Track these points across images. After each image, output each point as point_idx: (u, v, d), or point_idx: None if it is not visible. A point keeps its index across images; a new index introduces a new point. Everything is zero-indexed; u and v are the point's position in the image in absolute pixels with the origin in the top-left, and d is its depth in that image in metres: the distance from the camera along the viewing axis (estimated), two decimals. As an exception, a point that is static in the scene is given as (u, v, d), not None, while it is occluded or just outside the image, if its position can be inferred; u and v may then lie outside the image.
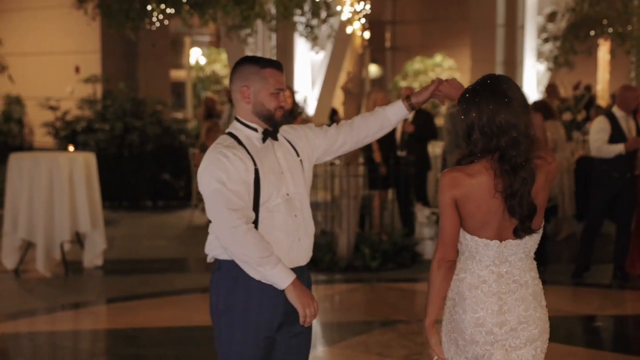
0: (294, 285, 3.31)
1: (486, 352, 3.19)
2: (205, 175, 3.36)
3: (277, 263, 3.28)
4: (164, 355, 6.15)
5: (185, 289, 8.22)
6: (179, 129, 13.70)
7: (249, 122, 3.46)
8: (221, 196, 3.29)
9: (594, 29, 15.84)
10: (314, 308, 3.34)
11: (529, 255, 3.23)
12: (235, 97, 3.49)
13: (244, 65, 3.48)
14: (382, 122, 3.69)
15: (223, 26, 10.11)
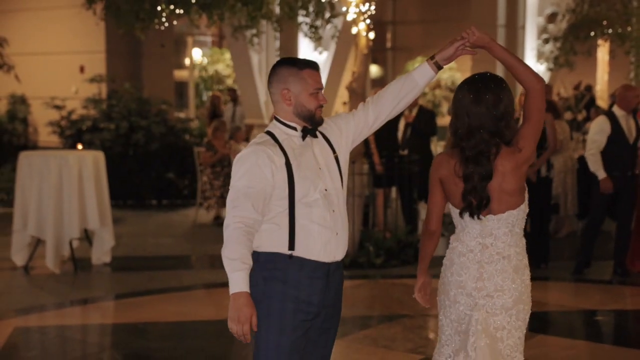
0: (237, 297, 3.32)
1: (466, 315, 3.66)
2: (234, 170, 3.46)
3: (238, 270, 3.32)
4: (173, 348, 6.25)
5: (192, 285, 8.34)
6: (183, 129, 13.82)
7: (289, 121, 3.53)
8: (235, 193, 3.40)
9: (594, 29, 15.94)
10: (242, 330, 3.35)
11: (513, 231, 3.64)
12: (275, 99, 3.55)
13: (281, 67, 3.54)
14: (410, 85, 3.67)
15: (229, 26, 10.21)
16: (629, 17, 15.65)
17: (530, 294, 3.69)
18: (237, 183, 3.41)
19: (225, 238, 3.38)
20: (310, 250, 3.46)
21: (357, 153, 8.97)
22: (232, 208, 3.40)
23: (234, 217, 3.37)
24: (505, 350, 3.64)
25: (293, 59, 3.63)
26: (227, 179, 11.58)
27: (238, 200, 3.39)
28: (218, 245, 10.35)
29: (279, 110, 3.55)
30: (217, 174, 11.62)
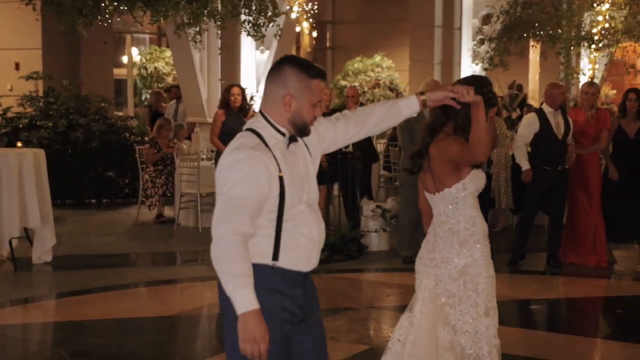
0: (248, 316, 3.09)
1: (420, 282, 4.14)
2: (223, 175, 3.20)
3: (241, 287, 3.09)
4: (120, 345, 6.28)
5: (136, 282, 8.38)
6: (123, 127, 13.76)
7: (280, 126, 3.31)
8: (228, 203, 3.15)
9: (527, 31, 16.31)
10: (259, 349, 3.11)
11: (460, 208, 4.07)
12: (272, 99, 3.31)
13: (292, 69, 3.29)
14: (395, 113, 3.65)
15: (171, 24, 10.22)
16: (559, 19, 16.06)
17: (483, 267, 4.07)
18: (231, 192, 3.16)
19: (221, 253, 3.12)
20: (294, 261, 3.30)
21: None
22: (225, 220, 3.14)
23: (230, 229, 3.12)
24: (457, 315, 4.04)
25: (304, 62, 3.38)
26: (170, 177, 11.61)
27: (233, 211, 3.14)
28: (160, 243, 10.40)
29: (273, 111, 3.31)
30: (160, 172, 11.63)
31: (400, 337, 4.13)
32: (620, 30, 15.85)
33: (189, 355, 6.10)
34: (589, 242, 8.86)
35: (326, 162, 9.71)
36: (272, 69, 3.36)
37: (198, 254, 9.71)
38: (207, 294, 8.07)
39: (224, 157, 3.24)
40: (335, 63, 24.26)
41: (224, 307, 3.25)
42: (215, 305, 7.60)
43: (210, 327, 7.10)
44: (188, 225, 11.40)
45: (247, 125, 3.40)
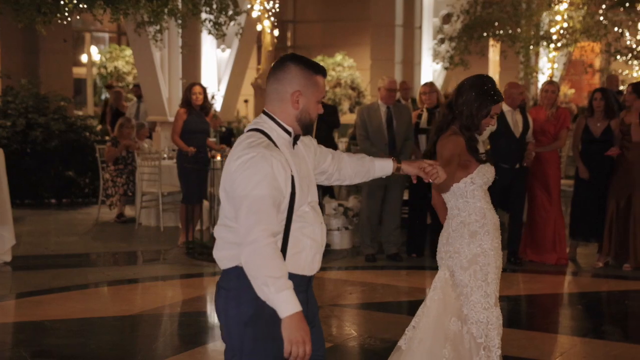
0: (295, 318, 3.05)
1: (440, 272, 4.38)
2: (245, 177, 3.11)
3: (284, 289, 3.03)
4: (82, 344, 6.23)
5: (97, 282, 8.33)
6: (83, 126, 13.65)
7: (287, 125, 3.27)
8: (256, 203, 3.08)
9: (487, 30, 16.48)
10: (304, 350, 3.08)
11: (468, 201, 4.36)
12: (280, 97, 3.27)
13: (296, 67, 3.27)
14: (369, 169, 3.74)
15: (131, 22, 10.17)
16: (519, 19, 16.25)
17: (492, 258, 4.33)
18: (254, 192, 3.08)
19: (258, 256, 3.05)
20: (299, 265, 3.24)
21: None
22: (255, 222, 3.06)
23: (263, 230, 3.06)
24: (469, 305, 4.28)
25: (305, 59, 3.35)
26: (131, 176, 11.55)
27: (261, 212, 3.07)
28: (121, 242, 10.35)
29: (280, 110, 3.27)
30: (120, 172, 11.56)
31: (414, 324, 4.39)
32: (578, 30, 16.07)
33: (150, 354, 6.08)
34: (549, 239, 8.96)
35: None
36: (275, 68, 3.33)
37: (159, 254, 9.67)
38: (168, 294, 8.05)
39: (237, 157, 3.15)
40: (297, 62, 24.27)
41: (233, 311, 3.20)
42: (177, 304, 7.62)
43: (172, 326, 7.08)
44: (149, 224, 11.35)
45: (251, 125, 3.32)
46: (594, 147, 8.82)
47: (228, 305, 3.23)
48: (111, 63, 19.86)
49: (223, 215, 3.28)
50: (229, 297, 3.22)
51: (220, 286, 3.28)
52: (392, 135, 8.95)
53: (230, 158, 3.21)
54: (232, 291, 3.22)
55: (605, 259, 8.85)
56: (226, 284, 3.25)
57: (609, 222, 8.72)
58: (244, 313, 3.18)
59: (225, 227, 3.25)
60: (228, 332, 3.27)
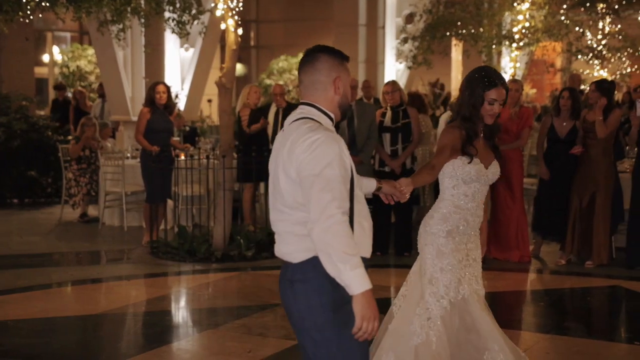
0: (367, 295, 3.09)
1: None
2: (314, 156, 3.14)
3: (358, 266, 3.06)
4: (45, 344, 6.20)
5: (61, 282, 8.27)
6: (45, 125, 13.53)
7: (330, 112, 3.36)
8: (330, 182, 3.10)
9: (449, 30, 16.58)
10: (373, 326, 3.13)
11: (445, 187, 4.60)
12: (321, 87, 3.35)
13: (330, 55, 3.37)
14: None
15: (94, 21, 10.10)
16: (481, 18, 16.36)
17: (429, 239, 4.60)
18: (326, 171, 3.11)
19: (334, 233, 3.06)
20: (363, 247, 3.27)
21: (228, 147, 9.09)
22: (330, 199, 3.07)
23: (337, 207, 3.08)
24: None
25: (332, 48, 3.46)
26: (94, 176, 11.47)
27: (335, 190, 3.09)
28: (85, 242, 10.28)
29: (323, 99, 3.35)
30: (84, 171, 11.48)
31: (403, 293, 4.65)
32: (540, 30, 16.23)
33: (114, 353, 6.06)
34: (512, 237, 9.04)
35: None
36: (308, 61, 3.39)
37: (123, 253, 9.62)
38: (133, 293, 8.01)
39: (302, 140, 3.17)
40: (260, 62, 24.30)
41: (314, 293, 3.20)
42: (141, 303, 7.59)
43: (136, 325, 7.06)
44: (113, 224, 11.28)
45: (297, 116, 3.36)
46: (559, 147, 8.91)
47: (309, 296, 3.21)
48: (73, 62, 19.68)
49: (283, 206, 3.28)
50: (308, 288, 3.21)
51: (295, 280, 3.24)
52: (352, 133, 9.00)
53: (291, 143, 3.21)
54: (310, 282, 3.21)
55: (568, 257, 8.95)
56: (302, 276, 3.22)
57: (572, 220, 8.82)
58: (328, 301, 3.19)
59: (290, 220, 3.25)
60: (313, 324, 3.24)
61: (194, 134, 13.71)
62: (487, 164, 4.51)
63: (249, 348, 6.01)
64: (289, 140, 3.23)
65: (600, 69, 17.99)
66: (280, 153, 3.27)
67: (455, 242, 4.52)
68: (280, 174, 3.26)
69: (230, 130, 9.24)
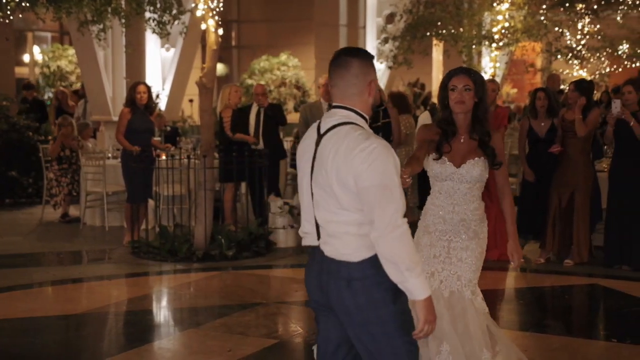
0: (430, 300, 3.28)
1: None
2: (375, 166, 3.22)
3: (421, 273, 3.24)
4: (28, 344, 6.19)
5: (42, 282, 8.26)
6: (26, 125, 13.48)
7: (366, 114, 3.43)
8: (391, 191, 3.21)
9: (429, 30, 16.66)
10: (432, 328, 3.33)
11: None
12: (356, 90, 3.41)
13: (364, 59, 3.43)
14: None
15: (74, 21, 10.09)
16: (461, 18, 16.46)
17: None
18: (387, 181, 3.22)
19: (403, 241, 3.21)
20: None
21: (209, 147, 9.11)
22: (395, 209, 3.20)
23: (402, 217, 3.22)
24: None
25: (364, 51, 3.51)
26: (75, 176, 11.46)
27: (397, 199, 3.21)
28: (66, 242, 10.25)
29: (359, 101, 3.42)
30: (65, 171, 11.46)
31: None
32: (519, 30, 16.33)
33: (96, 352, 6.07)
34: (490, 236, 9.05)
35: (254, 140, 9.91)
36: (342, 65, 3.43)
37: (105, 253, 9.62)
38: (114, 293, 8.02)
39: (359, 150, 3.24)
40: (241, 62, 24.29)
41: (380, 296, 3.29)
42: (123, 303, 7.60)
43: (118, 324, 7.06)
44: (94, 224, 11.27)
45: (339, 119, 3.40)
46: (540, 146, 8.99)
47: (371, 291, 3.30)
48: (54, 62, 19.62)
49: (338, 208, 3.33)
50: (367, 284, 3.30)
51: (353, 278, 3.30)
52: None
53: (346, 152, 3.26)
54: (369, 279, 3.30)
55: (547, 255, 9.03)
56: (361, 274, 3.30)
57: (551, 219, 8.89)
58: (388, 294, 3.29)
59: (346, 222, 3.31)
60: (376, 317, 3.32)
61: (175, 134, 13.71)
62: (459, 163, 4.49)
63: (230, 347, 6.03)
64: (343, 148, 3.28)
65: (579, 68, 18.14)
66: (331, 159, 3.31)
67: (431, 237, 4.56)
68: (333, 179, 3.31)
69: (211, 130, 9.26)
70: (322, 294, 3.40)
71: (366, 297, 3.30)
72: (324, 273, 3.38)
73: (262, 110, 10.44)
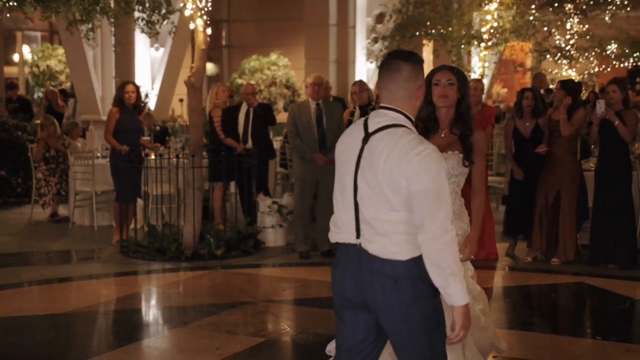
0: (467, 307, 3.37)
1: None
2: (428, 171, 3.30)
3: (462, 280, 3.31)
4: (16, 343, 6.21)
5: (31, 281, 8.28)
6: (15, 125, 13.48)
7: (412, 116, 3.51)
8: (442, 196, 3.30)
9: (419, 30, 16.70)
10: (465, 334, 3.43)
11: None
12: (411, 93, 3.49)
13: (415, 64, 3.51)
14: None
15: (63, 21, 10.10)
16: (450, 18, 16.51)
17: None
18: (438, 185, 3.31)
19: (450, 247, 3.30)
20: None
21: (197, 146, 9.13)
22: (446, 214, 3.30)
23: (451, 222, 3.32)
24: None
25: (415, 55, 3.59)
26: (63, 175, 11.46)
27: (447, 204, 3.31)
28: (55, 241, 10.24)
29: (408, 105, 3.49)
30: (53, 171, 11.46)
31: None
32: (508, 30, 16.38)
33: (84, 351, 6.08)
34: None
35: (242, 147, 9.91)
36: (394, 69, 3.49)
37: (94, 252, 9.63)
38: (103, 292, 8.04)
39: (415, 154, 3.30)
40: (232, 61, 24.31)
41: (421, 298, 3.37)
42: (111, 302, 7.62)
43: (106, 323, 7.09)
44: (83, 223, 11.29)
45: (388, 121, 3.44)
46: (526, 146, 9.03)
47: (415, 289, 3.36)
48: (43, 62, 19.60)
49: (388, 209, 3.37)
50: (413, 283, 3.36)
51: (399, 276, 3.35)
52: (321, 132, 9.07)
53: (399, 155, 3.31)
54: (415, 277, 3.36)
55: (535, 254, 9.08)
56: (407, 272, 3.36)
57: (538, 218, 8.94)
58: (431, 292, 3.37)
59: (396, 221, 3.36)
60: (419, 312, 3.39)
61: (164, 133, 13.73)
62: None
63: (217, 345, 6.06)
64: (397, 150, 3.33)
65: (568, 68, 18.20)
66: (383, 160, 3.34)
67: None
68: (384, 180, 3.34)
69: (199, 130, 9.29)
70: (359, 292, 3.42)
71: (412, 295, 3.35)
72: (365, 271, 3.40)
73: (251, 109, 10.48)
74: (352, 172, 3.43)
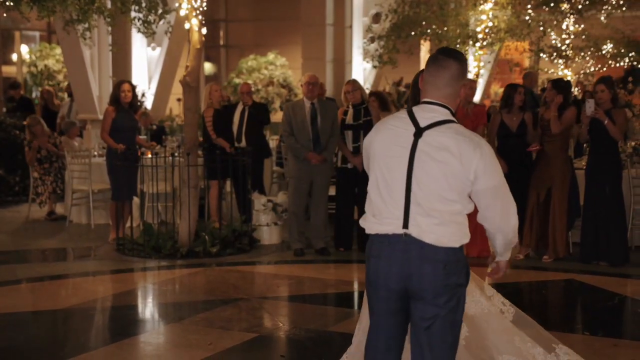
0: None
1: None
2: (492, 166, 3.61)
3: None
4: (12, 338, 6.29)
5: (28, 278, 8.36)
6: (13, 124, 13.55)
7: (455, 112, 3.74)
8: (506, 190, 3.69)
9: (415, 29, 16.75)
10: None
11: None
12: (455, 90, 3.68)
13: (462, 63, 3.70)
14: None
15: (60, 20, 10.16)
16: (446, 18, 16.55)
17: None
18: (501, 180, 3.66)
19: (515, 232, 3.79)
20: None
21: (192, 145, 9.21)
22: (514, 210, 3.73)
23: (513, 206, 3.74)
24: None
25: (461, 55, 3.77)
26: (59, 174, 11.53)
27: (511, 197, 3.72)
28: (52, 239, 10.30)
29: (452, 101, 3.71)
30: (47, 170, 11.53)
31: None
32: (503, 29, 16.43)
33: (79, 346, 6.14)
34: (470, 233, 9.17)
35: (233, 149, 9.97)
36: (443, 66, 3.67)
37: (90, 250, 9.71)
38: (99, 288, 8.11)
39: (473, 148, 3.55)
40: (229, 61, 24.38)
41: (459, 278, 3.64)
42: (107, 298, 7.70)
43: (101, 319, 7.16)
44: (80, 222, 11.37)
45: (442, 116, 3.63)
46: (512, 141, 9.12)
47: (460, 273, 3.62)
48: (41, 61, 19.66)
49: (449, 199, 3.58)
50: (459, 267, 3.62)
51: (449, 261, 3.57)
52: (316, 131, 9.15)
53: (463, 153, 3.54)
54: (461, 261, 3.64)
55: (526, 251, 9.16)
56: (455, 257, 3.60)
57: (530, 215, 9.02)
58: (467, 275, 3.68)
59: (453, 211, 3.59)
60: (460, 295, 3.64)
61: (161, 132, 13.80)
62: None
63: (210, 340, 6.14)
64: (458, 146, 3.54)
65: (564, 68, 18.24)
66: (443, 155, 3.53)
67: None
68: (445, 174, 3.54)
69: (194, 128, 9.36)
70: (404, 281, 3.59)
71: (457, 277, 3.60)
72: (414, 259, 3.57)
73: (246, 108, 10.55)
74: (405, 165, 3.57)
